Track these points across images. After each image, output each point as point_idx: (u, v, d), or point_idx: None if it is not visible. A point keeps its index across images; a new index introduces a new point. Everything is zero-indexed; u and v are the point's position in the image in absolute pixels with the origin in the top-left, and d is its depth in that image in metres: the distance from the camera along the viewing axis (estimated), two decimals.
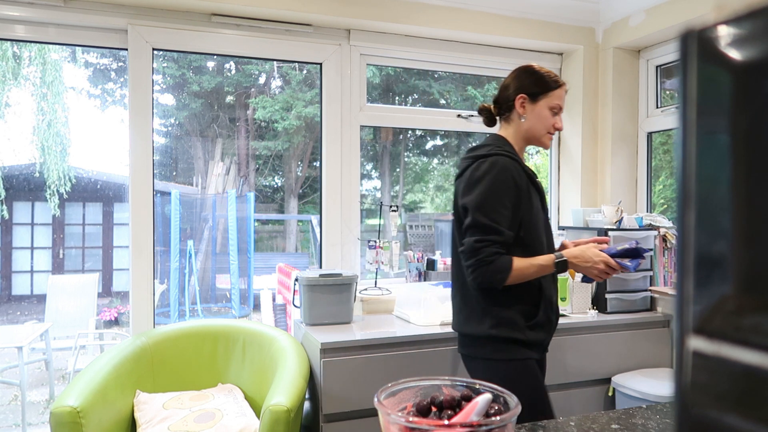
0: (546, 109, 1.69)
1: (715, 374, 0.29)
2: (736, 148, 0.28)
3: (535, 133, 1.70)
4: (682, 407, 0.31)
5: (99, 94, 8.30)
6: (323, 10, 2.51)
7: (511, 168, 1.61)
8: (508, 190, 1.59)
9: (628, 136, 2.98)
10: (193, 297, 6.75)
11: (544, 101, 1.68)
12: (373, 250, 2.65)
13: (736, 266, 0.28)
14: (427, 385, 0.81)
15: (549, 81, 1.70)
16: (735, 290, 0.28)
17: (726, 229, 0.28)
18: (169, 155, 8.35)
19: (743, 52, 0.28)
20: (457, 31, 2.74)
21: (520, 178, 1.63)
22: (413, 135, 8.77)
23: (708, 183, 0.29)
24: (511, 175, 1.60)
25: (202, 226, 7.56)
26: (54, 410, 1.69)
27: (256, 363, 2.21)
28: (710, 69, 0.29)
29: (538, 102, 1.69)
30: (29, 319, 6.39)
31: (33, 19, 2.31)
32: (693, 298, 0.30)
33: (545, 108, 1.69)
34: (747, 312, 0.28)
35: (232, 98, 8.35)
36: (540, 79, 1.70)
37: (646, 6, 2.70)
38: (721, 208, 0.29)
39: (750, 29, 0.27)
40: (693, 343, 0.30)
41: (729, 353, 0.28)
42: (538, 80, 1.70)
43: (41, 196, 7.10)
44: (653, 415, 1.19)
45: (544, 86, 1.69)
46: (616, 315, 2.53)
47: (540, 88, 1.69)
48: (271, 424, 1.71)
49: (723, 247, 0.29)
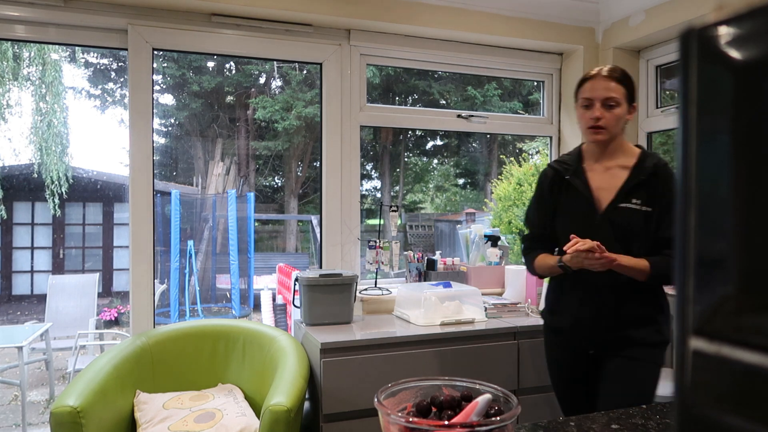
0: (580, 108, 1.76)
1: (715, 374, 0.29)
2: (737, 148, 0.28)
3: (582, 132, 1.79)
4: (683, 407, 0.31)
5: (99, 95, 8.30)
6: (323, 10, 2.51)
7: (542, 175, 1.89)
8: (539, 195, 1.89)
9: (628, 136, 2.98)
10: (193, 297, 6.75)
11: (579, 102, 1.77)
12: (373, 250, 2.65)
13: (736, 266, 0.28)
14: (427, 385, 0.81)
15: (579, 81, 1.79)
16: (735, 290, 0.28)
17: (726, 229, 0.28)
18: (169, 155, 8.35)
19: (744, 51, 0.28)
20: (457, 31, 2.74)
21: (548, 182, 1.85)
22: (413, 135, 8.77)
23: (708, 183, 0.29)
24: (540, 181, 1.89)
25: (202, 226, 7.57)
26: (54, 410, 1.69)
27: (256, 363, 2.21)
28: (711, 69, 0.29)
29: (576, 104, 1.79)
30: (29, 319, 6.39)
31: (33, 19, 2.31)
32: (693, 298, 0.30)
33: (579, 108, 1.76)
34: (747, 312, 0.28)
35: (232, 98, 8.35)
36: (577, 84, 1.80)
37: (646, 6, 2.70)
38: (722, 208, 0.29)
39: (750, 29, 0.27)
40: (693, 343, 0.30)
41: (729, 353, 0.28)
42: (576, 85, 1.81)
43: (41, 196, 7.10)
44: (653, 415, 1.19)
45: (576, 87, 1.79)
46: None
47: (576, 89, 1.79)
48: (271, 424, 1.71)
49: (723, 247, 0.29)
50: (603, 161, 1.79)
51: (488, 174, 8.45)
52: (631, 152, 1.78)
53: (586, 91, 1.73)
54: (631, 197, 1.70)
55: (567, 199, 1.80)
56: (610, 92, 1.70)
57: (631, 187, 1.71)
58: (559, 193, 1.82)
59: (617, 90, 1.70)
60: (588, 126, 1.73)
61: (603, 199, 1.74)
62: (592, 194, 1.75)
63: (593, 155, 1.80)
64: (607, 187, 1.75)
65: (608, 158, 1.78)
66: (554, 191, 1.83)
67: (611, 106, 1.70)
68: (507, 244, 2.95)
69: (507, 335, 2.27)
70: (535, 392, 2.30)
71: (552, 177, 1.84)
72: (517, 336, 2.29)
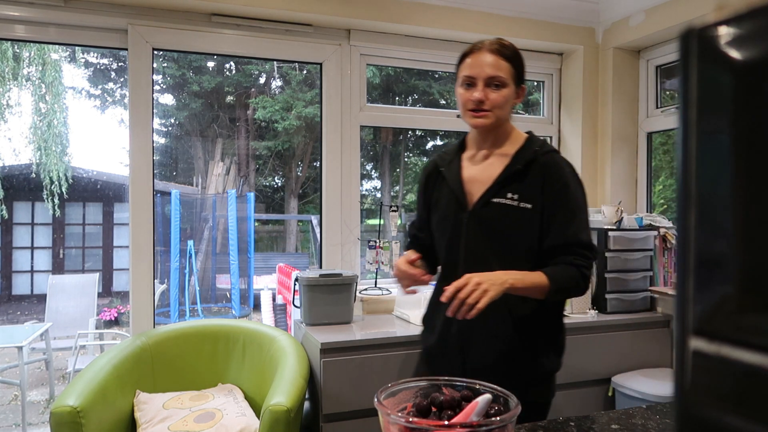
0: (460, 88, 1.46)
1: (715, 374, 0.29)
2: (737, 148, 0.28)
3: (462, 116, 1.48)
4: (683, 407, 0.31)
5: (99, 94, 8.30)
6: (323, 10, 2.51)
7: (422, 168, 1.63)
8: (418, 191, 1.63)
9: (628, 136, 2.98)
10: (193, 297, 6.75)
11: (459, 80, 1.46)
12: (373, 250, 2.65)
13: (736, 266, 0.28)
14: (427, 385, 0.81)
15: (460, 56, 1.48)
16: (735, 290, 0.28)
17: (726, 229, 0.28)
18: (169, 155, 8.35)
19: (744, 51, 0.28)
20: (457, 31, 2.74)
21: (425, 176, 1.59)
22: (413, 135, 8.76)
23: (708, 183, 0.29)
24: (420, 175, 1.62)
25: (202, 226, 7.57)
26: (54, 410, 1.69)
27: (256, 363, 2.21)
28: (711, 69, 0.29)
29: (457, 83, 1.48)
30: (29, 319, 6.39)
31: (33, 19, 2.31)
32: (693, 298, 0.30)
33: (459, 87, 1.46)
34: (747, 312, 0.28)
35: (232, 98, 8.35)
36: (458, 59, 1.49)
37: (646, 6, 2.70)
38: (722, 208, 0.29)
39: (750, 29, 0.27)
40: (693, 343, 0.30)
41: (729, 353, 0.28)
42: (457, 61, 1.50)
43: (41, 196, 7.10)
44: (653, 415, 1.19)
45: (457, 63, 1.49)
46: (616, 315, 2.53)
47: (456, 66, 1.49)
48: (271, 424, 1.71)
49: (723, 247, 0.29)
50: (485, 150, 1.50)
51: None
52: (515, 138, 1.50)
53: (468, 68, 1.43)
54: (507, 191, 1.40)
55: (439, 195, 1.53)
56: (497, 70, 1.40)
57: (506, 179, 1.41)
58: (434, 188, 1.55)
59: (505, 68, 1.42)
60: (469, 108, 1.43)
61: (474, 192, 1.45)
62: (462, 187, 1.46)
63: (476, 143, 1.52)
64: (481, 179, 1.45)
65: (491, 147, 1.49)
66: (429, 186, 1.57)
67: (497, 86, 1.41)
68: None
69: None
70: None
71: (430, 170, 1.58)
72: None
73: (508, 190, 1.40)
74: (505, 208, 1.39)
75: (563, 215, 1.39)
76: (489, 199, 1.41)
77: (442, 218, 1.50)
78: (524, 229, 1.39)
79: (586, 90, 2.99)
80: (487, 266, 1.34)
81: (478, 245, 1.42)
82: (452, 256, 1.46)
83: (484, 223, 1.41)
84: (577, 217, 1.40)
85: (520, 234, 1.40)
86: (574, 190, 1.42)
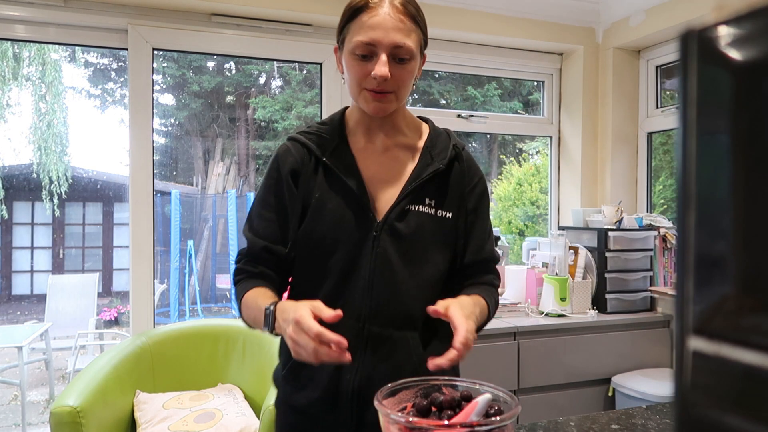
0: (351, 56, 1.05)
1: (715, 375, 0.29)
2: (737, 148, 0.28)
3: (351, 95, 1.12)
4: (682, 407, 0.31)
5: (99, 94, 8.30)
6: (323, 10, 2.51)
7: (278, 155, 1.13)
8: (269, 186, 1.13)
9: (628, 136, 2.98)
10: (193, 297, 6.75)
11: (350, 45, 1.05)
12: None
13: (736, 266, 0.28)
14: (427, 385, 0.81)
15: (348, 10, 1.07)
16: (735, 290, 0.28)
17: (726, 229, 0.28)
18: (169, 155, 8.35)
19: (743, 52, 0.28)
20: (457, 31, 2.74)
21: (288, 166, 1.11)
22: None
23: (708, 183, 0.29)
24: (274, 164, 1.13)
25: (202, 226, 7.56)
26: (54, 410, 1.69)
27: (256, 363, 2.21)
28: (710, 69, 0.29)
29: (344, 48, 1.09)
30: (29, 319, 6.39)
31: (33, 19, 2.31)
32: (693, 298, 0.30)
33: (350, 55, 1.06)
34: (747, 312, 0.28)
35: (232, 98, 8.35)
36: (343, 14, 1.09)
37: (646, 6, 2.70)
38: (722, 208, 0.29)
39: (750, 29, 0.27)
40: (693, 343, 0.30)
41: (729, 353, 0.28)
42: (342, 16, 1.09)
43: (41, 196, 7.10)
44: (653, 415, 1.19)
45: (343, 21, 1.08)
46: (616, 315, 2.53)
47: (341, 25, 1.09)
48: (271, 423, 1.71)
49: (723, 247, 0.29)
50: (378, 138, 1.15)
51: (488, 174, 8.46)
52: (415, 127, 1.19)
53: (367, 30, 1.02)
54: (424, 195, 1.10)
55: (324, 195, 1.09)
56: (405, 38, 1.03)
57: (423, 182, 1.09)
58: (312, 185, 1.10)
59: (414, 35, 1.05)
60: (368, 87, 1.06)
61: (380, 197, 1.10)
62: (365, 189, 1.09)
63: (365, 129, 1.15)
64: (386, 178, 1.11)
65: (388, 135, 1.15)
66: (301, 181, 1.11)
67: (403, 60, 1.04)
68: (507, 244, 2.95)
69: (507, 335, 2.28)
70: (535, 392, 2.31)
71: (297, 158, 1.12)
72: (517, 336, 2.29)
73: (425, 194, 1.10)
74: (423, 218, 1.09)
75: (482, 226, 1.16)
76: (406, 207, 1.08)
77: (333, 229, 1.07)
78: (442, 245, 1.11)
79: (586, 90, 2.99)
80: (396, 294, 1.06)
81: (388, 266, 1.06)
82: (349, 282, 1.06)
83: (401, 239, 1.07)
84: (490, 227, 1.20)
85: (439, 250, 1.10)
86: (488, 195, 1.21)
